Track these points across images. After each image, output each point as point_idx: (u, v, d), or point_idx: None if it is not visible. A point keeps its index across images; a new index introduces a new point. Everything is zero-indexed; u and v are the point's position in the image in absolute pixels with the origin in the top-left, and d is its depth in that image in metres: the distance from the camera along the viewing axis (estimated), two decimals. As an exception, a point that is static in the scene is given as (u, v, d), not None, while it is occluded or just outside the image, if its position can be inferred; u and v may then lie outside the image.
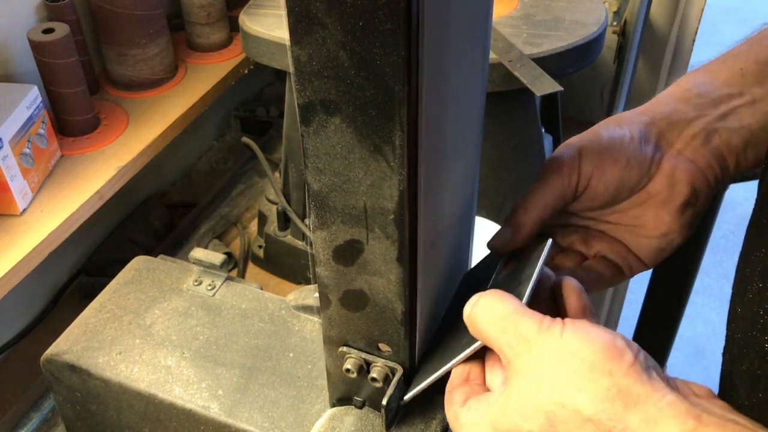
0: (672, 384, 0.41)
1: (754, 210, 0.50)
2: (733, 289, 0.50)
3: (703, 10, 1.34)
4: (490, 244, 0.56)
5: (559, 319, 0.43)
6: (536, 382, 0.41)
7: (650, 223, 0.56)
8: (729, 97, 0.56)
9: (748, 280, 0.47)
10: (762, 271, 0.46)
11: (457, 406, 0.47)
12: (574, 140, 0.56)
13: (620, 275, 0.58)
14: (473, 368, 0.49)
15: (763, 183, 0.50)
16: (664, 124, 0.56)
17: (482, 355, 0.50)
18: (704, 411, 0.38)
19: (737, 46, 0.59)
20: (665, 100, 0.57)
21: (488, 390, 0.47)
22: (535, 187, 0.55)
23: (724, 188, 0.57)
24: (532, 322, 0.43)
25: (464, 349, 0.48)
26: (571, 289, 0.50)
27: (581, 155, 0.54)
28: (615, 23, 1.27)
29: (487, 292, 0.47)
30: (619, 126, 0.56)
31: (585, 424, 0.39)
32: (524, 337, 0.43)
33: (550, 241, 0.53)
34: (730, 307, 0.50)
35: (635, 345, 0.41)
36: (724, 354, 0.56)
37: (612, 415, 0.39)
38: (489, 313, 0.45)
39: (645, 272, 0.62)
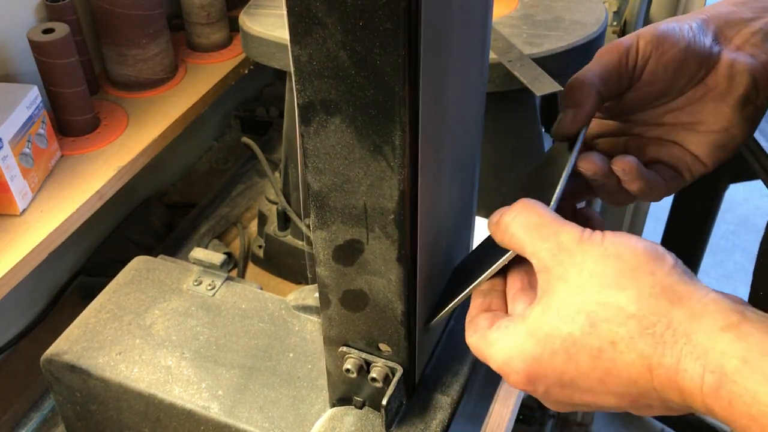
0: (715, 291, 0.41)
1: None
2: (751, 289, 0.49)
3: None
4: (554, 132, 0.53)
5: (598, 231, 0.43)
6: (578, 285, 0.41)
7: (709, 117, 0.54)
8: None
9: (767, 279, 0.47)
10: None
11: (483, 330, 0.46)
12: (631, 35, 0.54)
13: (679, 179, 0.56)
14: (494, 300, 0.48)
15: None
16: (722, 22, 0.55)
17: (502, 288, 0.49)
18: (748, 309, 0.38)
19: None
20: (720, 6, 0.56)
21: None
22: (590, 65, 0.53)
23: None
24: (574, 231, 0.43)
25: (495, 261, 0.47)
26: (593, 216, 0.50)
27: (638, 37, 0.53)
28: (615, 23, 1.27)
29: (520, 201, 0.45)
30: (676, 20, 0.54)
31: (628, 321, 0.39)
32: (565, 246, 0.42)
33: (583, 133, 0.51)
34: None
35: (674, 255, 0.41)
36: None
37: (656, 311, 0.38)
38: (524, 220, 0.44)
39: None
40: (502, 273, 0.48)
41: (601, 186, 0.54)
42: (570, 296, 0.41)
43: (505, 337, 0.44)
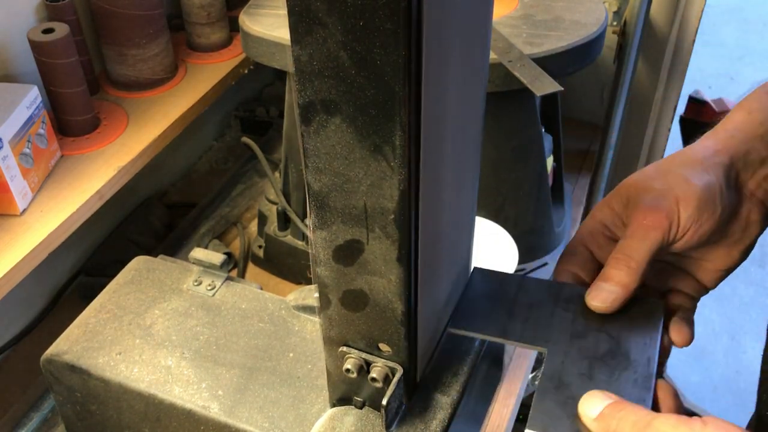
0: None
1: None
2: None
3: (703, 10, 1.34)
4: (591, 303, 0.54)
5: (696, 419, 0.43)
6: None
7: (719, 259, 0.57)
8: None
9: None
10: None
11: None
12: (662, 183, 0.55)
13: (693, 304, 0.60)
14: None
15: None
16: (741, 164, 0.56)
17: None
18: None
19: None
20: (740, 136, 0.57)
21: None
22: (636, 237, 0.54)
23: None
24: (669, 418, 0.43)
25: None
26: (667, 390, 0.51)
27: (679, 207, 0.54)
28: (615, 23, 1.27)
29: (615, 402, 0.46)
30: (705, 171, 0.55)
31: None
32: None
33: (662, 312, 0.53)
34: (767, 343, 0.50)
35: None
36: (760, 394, 0.56)
37: None
38: (625, 425, 0.45)
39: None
40: None
41: None
42: None
43: None
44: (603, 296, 0.54)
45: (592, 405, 0.47)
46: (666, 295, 0.60)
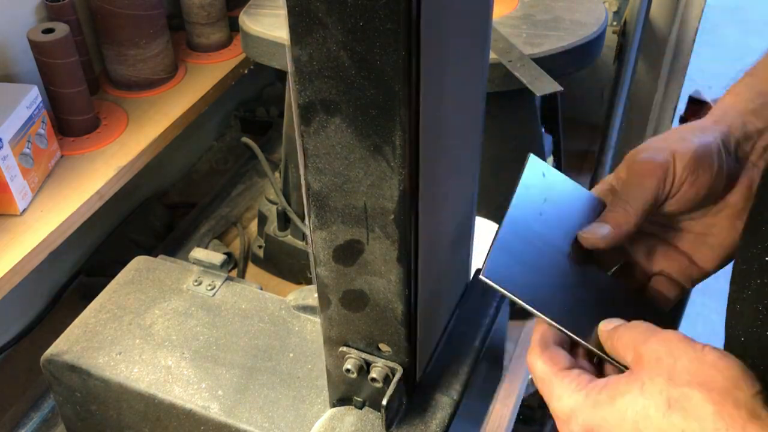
0: None
1: (752, 207, 0.50)
2: (731, 286, 0.50)
3: (703, 10, 1.34)
4: (583, 238, 0.55)
5: (700, 343, 0.44)
6: (668, 371, 0.43)
7: (723, 232, 0.56)
8: None
9: (746, 276, 0.47)
10: (760, 267, 0.46)
11: (556, 371, 0.48)
12: (660, 143, 0.56)
13: (682, 291, 0.59)
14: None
15: (762, 183, 0.50)
16: (740, 134, 0.56)
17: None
18: None
19: None
20: (733, 113, 0.57)
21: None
22: (632, 184, 0.55)
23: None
24: (679, 334, 0.44)
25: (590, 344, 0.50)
26: None
27: (675, 159, 0.54)
28: (615, 23, 1.27)
29: (634, 323, 0.48)
30: (703, 133, 0.56)
31: (703, 419, 0.40)
32: (667, 338, 0.44)
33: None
34: (729, 305, 0.50)
35: (760, 383, 0.42)
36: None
37: (732, 420, 0.40)
38: (632, 332, 0.46)
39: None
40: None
41: None
42: (658, 376, 0.43)
43: (581, 390, 0.46)
44: (594, 230, 0.55)
45: (608, 322, 0.49)
46: (651, 279, 0.59)
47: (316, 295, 0.52)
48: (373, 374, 0.53)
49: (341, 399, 0.58)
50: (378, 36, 0.37)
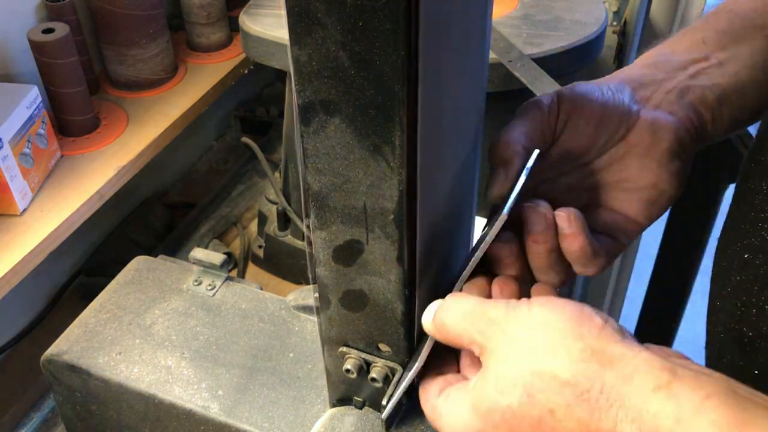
0: (646, 347, 0.41)
1: (731, 204, 0.50)
2: (711, 285, 0.50)
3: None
4: (491, 196, 0.53)
5: (524, 299, 0.43)
6: (511, 357, 0.42)
7: (635, 173, 0.54)
8: (695, 61, 0.56)
9: (726, 273, 0.47)
10: (739, 264, 0.46)
11: (433, 399, 0.47)
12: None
13: (616, 244, 0.56)
14: (446, 367, 0.50)
15: (741, 180, 0.50)
16: (636, 84, 0.56)
17: (456, 354, 0.50)
18: (679, 366, 0.38)
19: (695, 22, 0.60)
20: (631, 69, 0.58)
21: (464, 380, 0.48)
22: (513, 123, 0.54)
23: (704, 145, 0.57)
24: (499, 306, 0.44)
25: (420, 351, 0.49)
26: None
27: (559, 97, 0.54)
28: (615, 23, 1.27)
29: (448, 296, 0.47)
30: (593, 82, 0.56)
31: (563, 389, 0.39)
32: (493, 320, 0.43)
33: (511, 200, 0.51)
34: (710, 302, 0.50)
35: (604, 313, 0.42)
36: (706, 349, 0.55)
37: (589, 375, 0.39)
38: (453, 312, 0.46)
39: (645, 273, 0.61)
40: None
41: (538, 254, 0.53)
42: (505, 369, 0.42)
43: (452, 411, 0.45)
44: (493, 184, 0.53)
45: (428, 310, 0.48)
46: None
47: (316, 294, 0.52)
48: (373, 374, 0.53)
49: (341, 399, 0.58)
50: (377, 36, 0.37)
